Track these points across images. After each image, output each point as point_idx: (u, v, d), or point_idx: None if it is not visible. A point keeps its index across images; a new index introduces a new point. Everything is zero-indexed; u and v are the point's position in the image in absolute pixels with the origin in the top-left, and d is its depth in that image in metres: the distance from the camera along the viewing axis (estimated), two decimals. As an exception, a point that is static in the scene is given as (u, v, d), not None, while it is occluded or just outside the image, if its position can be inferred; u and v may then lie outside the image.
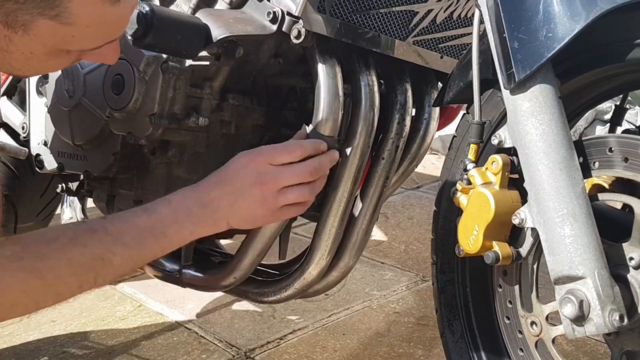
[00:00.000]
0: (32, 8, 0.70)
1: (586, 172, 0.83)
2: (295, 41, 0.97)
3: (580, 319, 0.76)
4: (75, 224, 0.98)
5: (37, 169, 1.32)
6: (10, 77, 1.43)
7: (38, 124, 1.30)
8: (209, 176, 0.96)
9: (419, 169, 1.71)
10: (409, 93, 1.14)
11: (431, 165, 3.60)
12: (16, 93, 1.48)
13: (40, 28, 0.72)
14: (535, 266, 0.94)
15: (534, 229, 0.83)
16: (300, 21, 0.96)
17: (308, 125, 1.02)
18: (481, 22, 0.87)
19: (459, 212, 0.91)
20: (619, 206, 0.89)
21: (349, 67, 1.06)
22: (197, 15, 1.00)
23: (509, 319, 0.98)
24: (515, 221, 0.84)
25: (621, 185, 0.84)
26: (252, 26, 0.98)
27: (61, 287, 0.84)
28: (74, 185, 1.34)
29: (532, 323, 0.94)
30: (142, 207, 0.92)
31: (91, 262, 0.85)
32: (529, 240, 0.88)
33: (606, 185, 0.85)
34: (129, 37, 0.93)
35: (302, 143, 0.98)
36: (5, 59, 0.77)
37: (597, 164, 0.83)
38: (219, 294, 1.78)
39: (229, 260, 1.19)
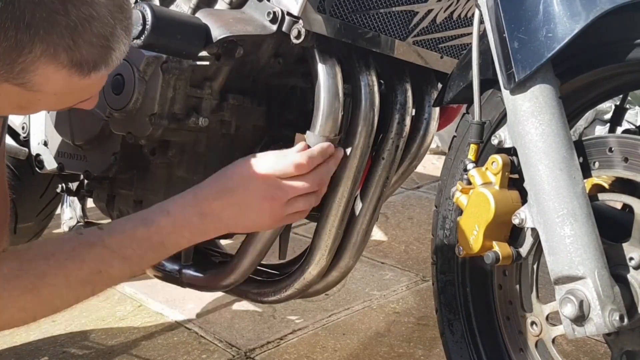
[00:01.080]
0: None
1: (586, 172, 0.83)
2: (295, 41, 0.97)
3: (580, 319, 0.76)
4: (73, 236, 0.99)
5: (37, 169, 1.32)
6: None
7: (38, 124, 1.30)
8: (209, 182, 0.95)
9: (419, 169, 1.71)
10: (409, 93, 1.14)
11: (431, 165, 3.60)
12: (16, 93, 1.48)
13: (7, 90, 0.71)
14: (535, 266, 0.94)
15: (534, 229, 0.83)
16: (300, 21, 0.96)
17: (307, 131, 1.01)
18: (481, 22, 0.87)
19: (459, 212, 0.91)
20: (619, 206, 0.89)
21: (349, 67, 1.06)
22: (197, 15, 1.00)
23: (509, 319, 0.98)
24: (515, 221, 0.83)
25: (621, 185, 0.84)
26: (252, 26, 0.98)
27: (58, 301, 0.85)
28: (74, 185, 1.34)
29: (532, 323, 0.94)
30: (140, 216, 0.92)
31: (89, 276, 0.86)
32: (529, 240, 0.88)
33: (606, 185, 0.85)
34: (129, 37, 0.93)
35: (311, 154, 0.97)
36: None
37: (597, 164, 0.83)
38: (219, 294, 1.78)
39: (229, 260, 1.19)
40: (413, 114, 1.17)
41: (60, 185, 1.34)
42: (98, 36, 0.70)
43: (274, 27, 0.97)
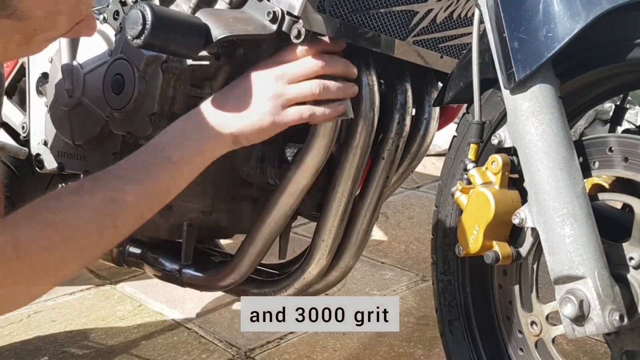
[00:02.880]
0: None
1: (586, 172, 0.83)
2: (295, 41, 0.96)
3: (580, 318, 0.76)
4: (80, 181, 0.97)
5: (37, 168, 1.32)
6: (11, 77, 1.43)
7: (38, 123, 1.30)
8: (212, 95, 0.96)
9: (419, 168, 1.71)
10: (409, 93, 1.14)
11: (431, 165, 3.60)
12: (16, 93, 1.48)
13: (2, 26, 0.72)
14: (535, 266, 0.94)
15: (534, 229, 0.83)
16: (300, 21, 0.95)
17: None
18: (481, 21, 0.87)
19: (459, 211, 0.91)
20: (619, 206, 0.89)
21: (349, 67, 1.06)
22: (197, 15, 1.00)
23: (509, 319, 0.98)
24: (515, 221, 0.83)
25: (621, 185, 0.84)
26: (252, 26, 0.98)
27: (80, 238, 0.82)
28: (74, 185, 1.34)
29: (532, 323, 0.94)
30: (145, 144, 0.92)
31: (102, 206, 0.83)
32: (529, 240, 0.88)
33: (606, 185, 0.85)
34: (129, 37, 0.93)
35: (311, 45, 0.96)
36: None
37: (597, 163, 0.83)
38: (219, 294, 1.78)
39: (229, 260, 1.19)
40: (413, 113, 1.18)
41: (60, 185, 1.34)
42: None
43: (274, 27, 0.97)
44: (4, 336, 1.62)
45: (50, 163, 1.29)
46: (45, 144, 1.28)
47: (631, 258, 0.79)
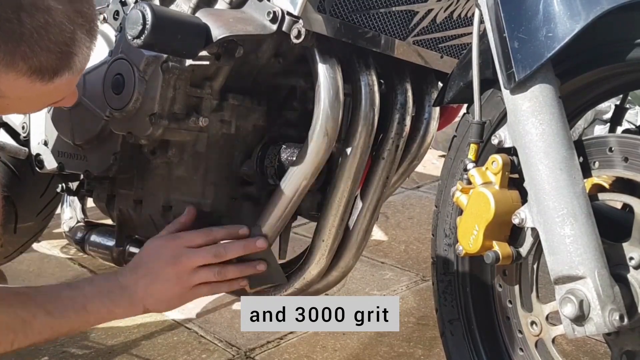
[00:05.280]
0: None
1: (586, 172, 0.83)
2: (295, 41, 0.97)
3: (580, 318, 0.76)
4: (3, 286, 1.04)
5: (37, 168, 1.32)
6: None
7: (38, 123, 1.30)
8: (132, 260, 1.05)
9: (419, 168, 1.71)
10: (409, 93, 1.14)
11: (431, 165, 3.60)
12: (16, 93, 1.48)
13: None
14: (535, 266, 0.94)
15: (534, 229, 0.83)
16: (300, 21, 0.96)
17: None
18: (481, 21, 0.87)
19: (459, 211, 0.91)
20: (619, 206, 0.89)
21: (349, 67, 1.06)
22: (197, 15, 1.00)
23: (509, 318, 0.98)
24: (515, 221, 0.83)
25: (621, 185, 0.84)
26: (252, 26, 0.98)
27: None
28: (74, 185, 1.34)
29: (532, 323, 0.94)
30: (68, 283, 1.01)
31: (13, 321, 0.89)
32: (529, 240, 0.88)
33: (606, 185, 0.85)
34: (129, 37, 0.93)
35: (212, 230, 1.06)
36: None
37: (597, 163, 0.83)
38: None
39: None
40: (413, 113, 1.18)
41: (60, 185, 1.34)
42: (56, 43, 0.71)
43: (274, 27, 0.97)
44: (4, 336, 1.62)
45: (50, 163, 1.29)
46: (45, 144, 1.28)
47: (631, 258, 0.79)
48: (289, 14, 0.96)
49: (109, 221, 1.33)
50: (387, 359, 1.55)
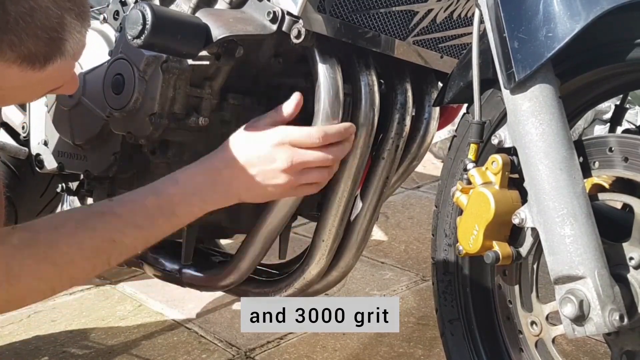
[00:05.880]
0: None
1: (586, 172, 0.83)
2: (295, 41, 0.97)
3: (580, 318, 0.76)
4: (83, 207, 0.98)
5: (37, 168, 1.32)
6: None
7: (38, 123, 1.30)
8: (220, 150, 0.97)
9: (419, 168, 1.71)
10: (409, 93, 1.14)
11: (431, 165, 3.60)
12: (16, 93, 1.48)
13: None
14: (535, 266, 0.94)
15: (534, 229, 0.83)
16: (300, 21, 0.96)
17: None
18: (481, 21, 0.87)
19: (459, 211, 0.91)
20: (619, 206, 0.89)
21: (349, 67, 1.06)
22: (197, 14, 1.00)
23: (509, 318, 0.98)
24: (515, 221, 0.83)
25: (621, 185, 0.84)
26: (252, 26, 0.98)
27: (74, 271, 0.84)
28: (74, 185, 1.34)
29: (532, 323, 0.94)
30: (150, 186, 0.93)
31: (102, 244, 0.85)
32: (529, 240, 0.88)
33: (606, 185, 0.85)
34: (129, 37, 0.93)
35: (330, 130, 0.98)
36: None
37: (597, 163, 0.83)
38: (219, 294, 1.78)
39: (229, 260, 1.19)
40: (413, 113, 1.18)
41: (60, 185, 1.34)
42: (43, 28, 0.69)
43: (274, 27, 0.97)
44: (4, 336, 1.62)
45: (50, 163, 1.29)
46: (45, 144, 1.28)
47: (631, 258, 0.79)
48: (289, 14, 0.96)
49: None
50: (387, 359, 1.55)
